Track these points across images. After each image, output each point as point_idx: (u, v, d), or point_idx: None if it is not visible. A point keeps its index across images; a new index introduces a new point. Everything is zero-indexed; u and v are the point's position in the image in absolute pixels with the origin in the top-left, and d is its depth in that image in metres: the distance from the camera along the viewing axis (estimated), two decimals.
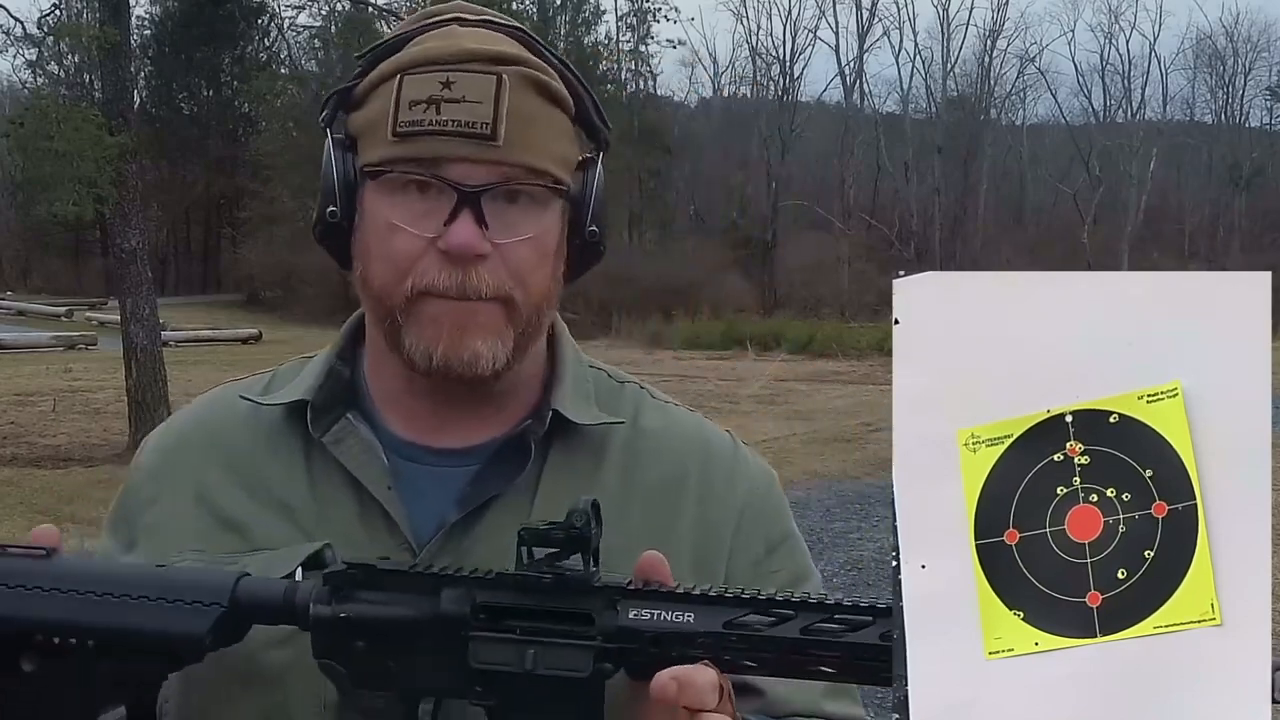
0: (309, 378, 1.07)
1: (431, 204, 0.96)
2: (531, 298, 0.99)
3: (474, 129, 0.95)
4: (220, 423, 1.10)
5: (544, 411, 1.04)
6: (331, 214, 1.00)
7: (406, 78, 0.97)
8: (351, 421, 1.04)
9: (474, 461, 1.04)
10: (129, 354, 11.85)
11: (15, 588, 0.86)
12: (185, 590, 0.86)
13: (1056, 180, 48.95)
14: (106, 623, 0.85)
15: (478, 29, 1.02)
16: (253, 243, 38.89)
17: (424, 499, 1.02)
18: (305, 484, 1.03)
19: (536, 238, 0.99)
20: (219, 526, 1.04)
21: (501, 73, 0.97)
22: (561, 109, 1.01)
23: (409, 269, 0.97)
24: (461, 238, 0.95)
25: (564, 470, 1.04)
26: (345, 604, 0.83)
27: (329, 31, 37.95)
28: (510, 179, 0.96)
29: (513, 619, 0.81)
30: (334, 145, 1.01)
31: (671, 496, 1.05)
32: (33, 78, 31.17)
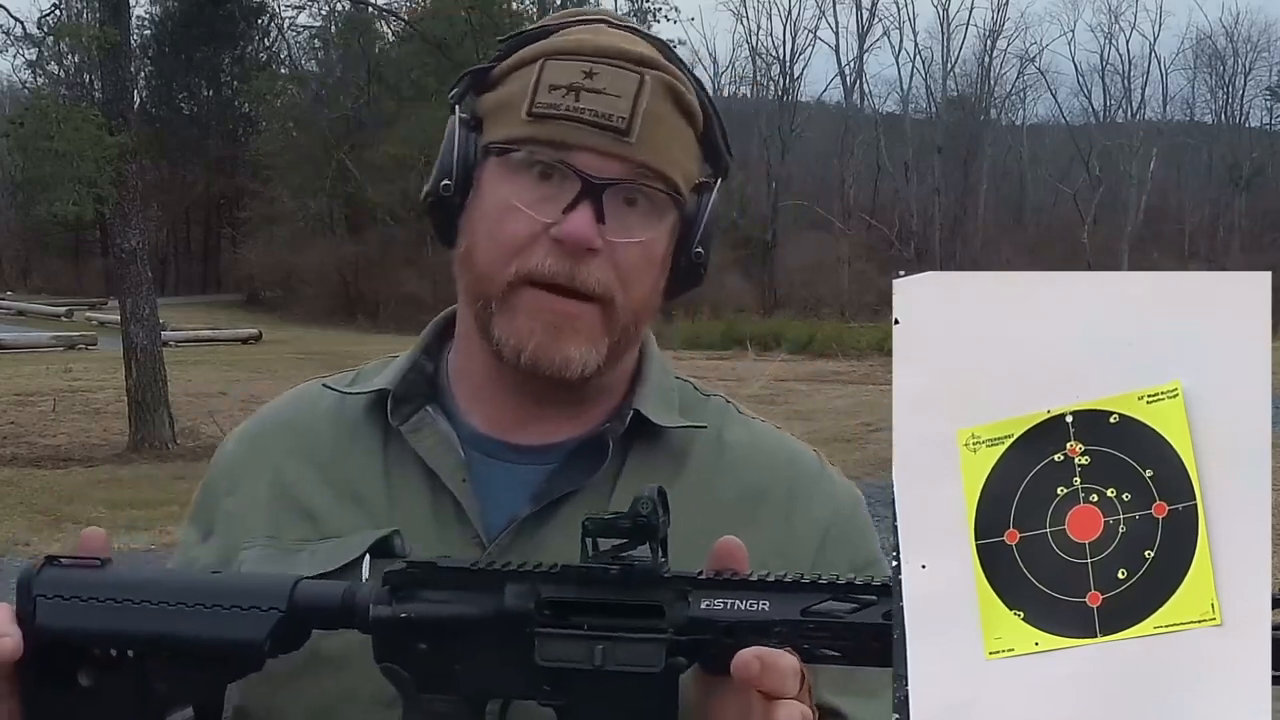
0: (393, 370, 1.07)
1: (553, 190, 0.95)
2: (632, 303, 0.98)
3: (610, 121, 0.94)
4: (303, 414, 1.10)
5: (625, 411, 1.03)
6: (445, 187, 0.99)
7: (549, 62, 0.97)
8: (430, 413, 1.04)
9: (551, 459, 1.03)
10: (129, 354, 11.85)
11: (70, 599, 0.85)
12: (242, 596, 0.84)
13: (1056, 180, 48.95)
14: (163, 632, 0.83)
15: (624, 32, 1.02)
16: (253, 243, 38.88)
17: (498, 494, 1.01)
18: (380, 474, 1.03)
19: (648, 243, 0.98)
20: (293, 514, 1.04)
21: (645, 74, 0.96)
22: (691, 124, 1.01)
23: (517, 252, 0.96)
24: (578, 227, 0.94)
25: (642, 473, 1.01)
26: (406, 604, 0.81)
27: (329, 31, 37.95)
28: (637, 178, 0.96)
29: (580, 614, 0.78)
30: (459, 121, 1.00)
31: (751, 511, 1.02)
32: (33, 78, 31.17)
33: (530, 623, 0.78)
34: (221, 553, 1.05)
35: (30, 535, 8.19)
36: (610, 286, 0.96)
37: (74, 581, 0.85)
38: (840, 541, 1.04)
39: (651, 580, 0.77)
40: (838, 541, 1.04)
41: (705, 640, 0.76)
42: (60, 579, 0.86)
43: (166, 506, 9.37)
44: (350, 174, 32.82)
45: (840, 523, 1.06)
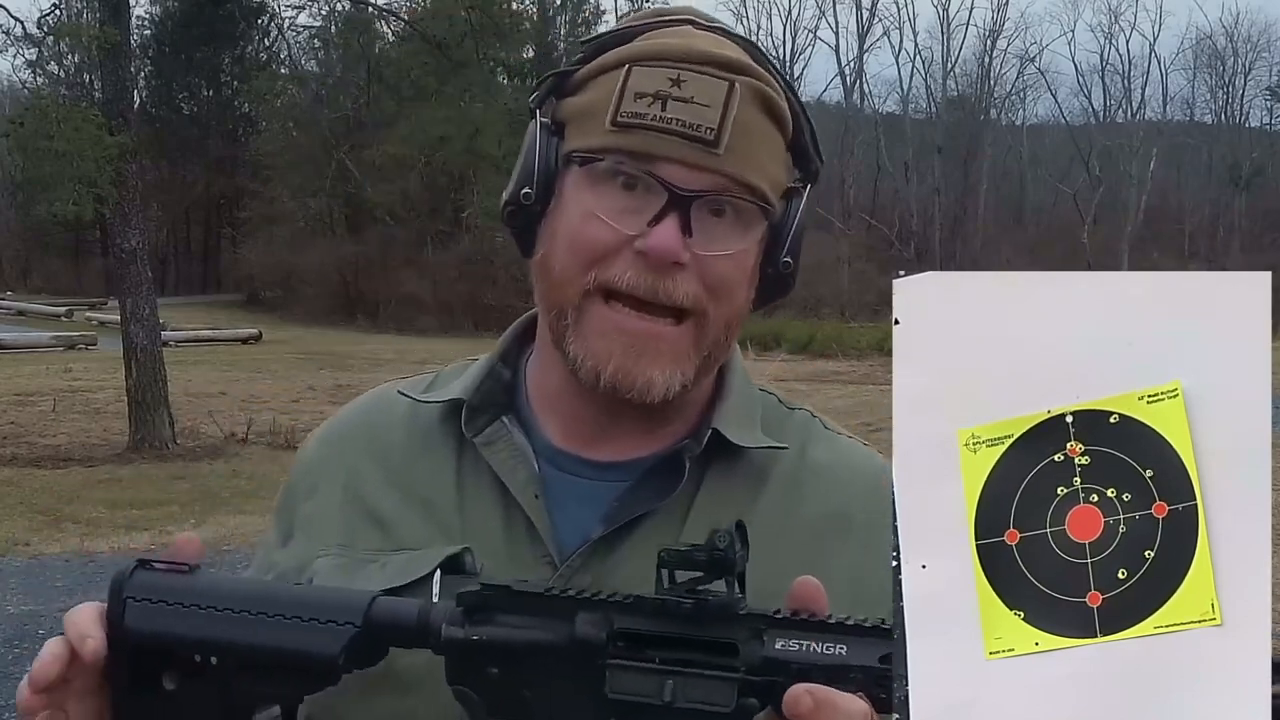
0: (469, 378, 1.04)
1: (638, 201, 0.92)
2: (722, 316, 0.95)
3: (698, 132, 0.91)
4: (379, 418, 1.08)
5: (703, 430, 0.99)
6: (526, 195, 0.96)
7: (635, 69, 0.93)
8: (505, 425, 1.02)
9: (626, 477, 1.00)
10: (129, 354, 11.85)
11: (159, 604, 0.85)
12: (320, 609, 0.84)
13: (1056, 180, 48.97)
14: (245, 641, 0.84)
15: (712, 34, 0.98)
16: (253, 243, 38.90)
17: (571, 511, 0.99)
18: (452, 485, 1.01)
19: (737, 256, 0.94)
20: (365, 521, 1.02)
21: (735, 80, 0.93)
22: (781, 130, 0.97)
23: (596, 261, 0.93)
24: (664, 241, 0.90)
25: (720, 494, 0.98)
26: (479, 627, 0.80)
27: (329, 31, 37.98)
28: (725, 190, 0.92)
29: (652, 647, 0.76)
30: (540, 128, 0.97)
31: (833, 535, 0.98)
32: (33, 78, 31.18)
33: (602, 654, 0.76)
34: (298, 558, 1.04)
35: (30, 535, 8.20)
36: (700, 300, 0.93)
37: (164, 586, 0.86)
38: None
39: (726, 617, 0.75)
40: None
41: (779, 683, 0.73)
42: (151, 583, 0.86)
43: (166, 506, 9.38)
44: (350, 174, 32.82)
45: None
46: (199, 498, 9.73)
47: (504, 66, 25.43)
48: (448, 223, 34.40)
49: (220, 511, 9.12)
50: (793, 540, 0.96)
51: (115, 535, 8.16)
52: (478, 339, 29.40)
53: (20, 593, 6.42)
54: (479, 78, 15.25)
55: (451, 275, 33.14)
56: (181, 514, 9.05)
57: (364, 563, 1.00)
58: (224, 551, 7.26)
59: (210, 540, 7.70)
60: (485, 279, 32.05)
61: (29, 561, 7.24)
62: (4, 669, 5.19)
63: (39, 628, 5.71)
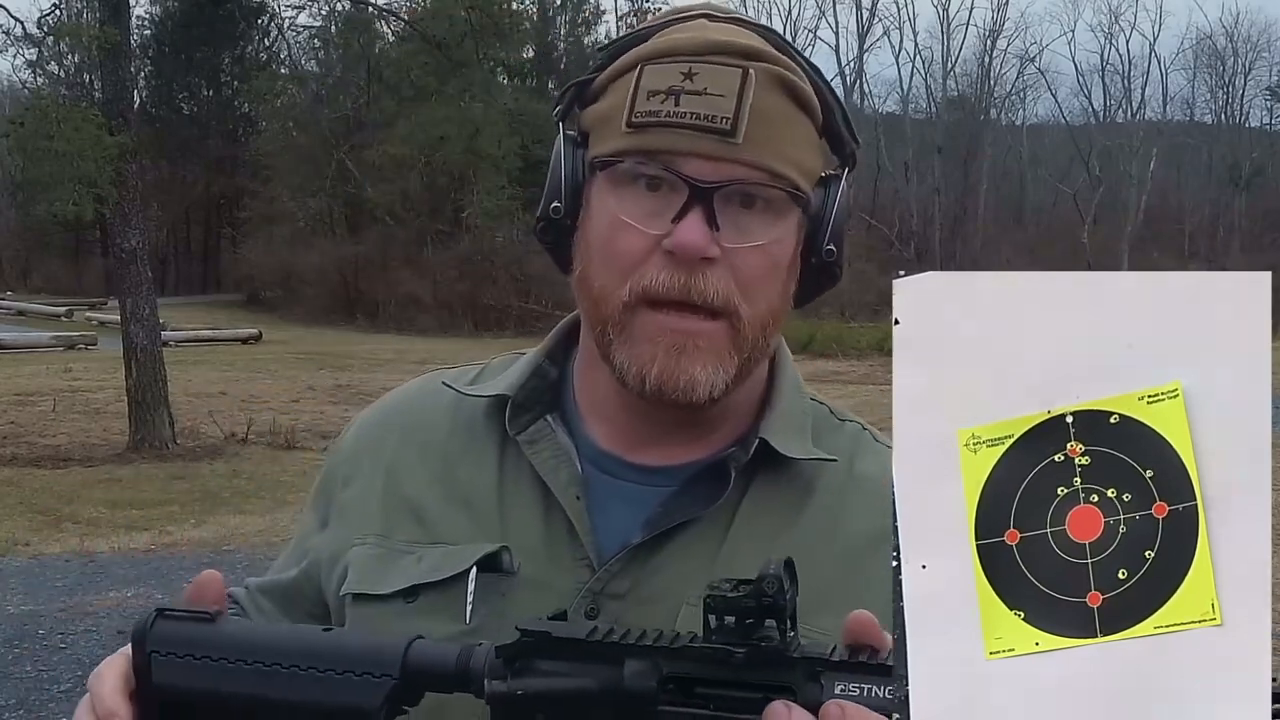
0: (514, 374, 1.03)
1: (661, 201, 0.90)
2: (758, 314, 0.92)
3: (713, 123, 0.88)
4: (422, 409, 1.07)
5: (750, 439, 0.97)
6: (555, 210, 0.95)
7: (647, 68, 0.91)
8: (550, 424, 1.01)
9: (670, 482, 0.98)
10: (129, 354, 11.85)
11: (185, 658, 0.82)
12: (355, 661, 0.81)
13: (1056, 180, 48.97)
14: (279, 697, 0.81)
15: (727, 24, 0.96)
16: (253, 243, 38.90)
17: (612, 514, 0.97)
18: (493, 482, 1.00)
19: (768, 247, 0.91)
20: (402, 512, 1.01)
21: (749, 67, 0.90)
22: (808, 115, 0.94)
23: (631, 269, 0.91)
24: (689, 236, 0.88)
25: (764, 505, 0.97)
26: (522, 678, 0.77)
27: (329, 31, 37.97)
28: (747, 180, 0.90)
29: (705, 690, 0.73)
30: (565, 140, 0.96)
31: (879, 552, 0.95)
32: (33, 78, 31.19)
33: (653, 700, 0.74)
34: (334, 546, 1.04)
35: (30, 535, 8.19)
36: (731, 297, 0.90)
37: (189, 638, 0.83)
38: None
39: (781, 661, 0.72)
40: None
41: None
42: (175, 635, 0.83)
43: (166, 506, 9.38)
44: (350, 174, 32.81)
45: None
46: (199, 498, 9.73)
47: (504, 66, 25.44)
48: (448, 223, 34.38)
49: (220, 511, 9.12)
50: (836, 555, 0.94)
51: (115, 535, 8.16)
52: (477, 339, 29.39)
53: (20, 593, 6.42)
54: (479, 78, 15.24)
55: (451, 275, 33.12)
56: (181, 514, 9.05)
57: (400, 554, 0.99)
58: (224, 551, 7.26)
59: (210, 540, 7.71)
60: (485, 279, 32.05)
61: (29, 561, 7.23)
62: (4, 669, 5.19)
63: (39, 628, 5.71)
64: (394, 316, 33.13)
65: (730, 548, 0.94)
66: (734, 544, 0.94)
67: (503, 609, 0.93)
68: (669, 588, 0.92)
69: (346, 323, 33.23)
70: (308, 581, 1.07)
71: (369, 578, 0.99)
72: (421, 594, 0.96)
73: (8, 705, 4.81)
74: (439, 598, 0.96)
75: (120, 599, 6.16)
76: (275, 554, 0.94)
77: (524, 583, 0.95)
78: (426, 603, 0.96)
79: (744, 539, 0.95)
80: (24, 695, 4.90)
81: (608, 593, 0.94)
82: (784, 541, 0.94)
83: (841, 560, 0.94)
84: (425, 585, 0.96)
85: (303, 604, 1.08)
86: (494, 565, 0.94)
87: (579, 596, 0.93)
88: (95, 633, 5.60)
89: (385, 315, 33.41)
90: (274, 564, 1.14)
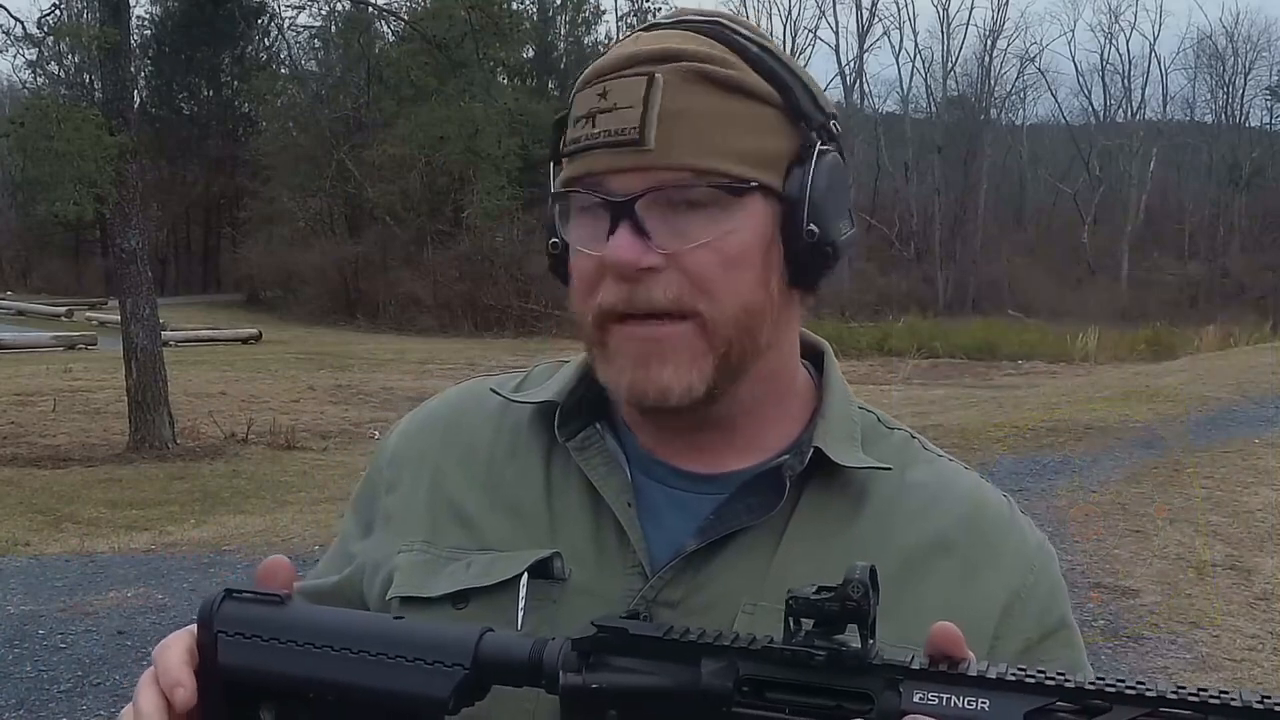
0: (561, 380, 1.03)
1: (597, 222, 0.91)
2: (725, 309, 0.90)
3: (622, 135, 0.88)
4: (467, 414, 1.06)
5: (804, 447, 0.96)
6: (554, 245, 0.97)
7: (577, 95, 0.92)
8: (599, 430, 1.00)
9: (721, 490, 0.97)
10: (129, 354, 11.86)
11: (252, 639, 0.82)
12: (427, 649, 0.80)
13: (1056, 180, 49.01)
14: (347, 681, 0.80)
15: (659, 30, 0.94)
16: (253, 243, 38.90)
17: (662, 522, 0.96)
18: (541, 489, 0.99)
19: (715, 243, 0.89)
20: (449, 517, 1.01)
21: (654, 72, 0.89)
22: (753, 99, 0.91)
23: (590, 293, 0.92)
24: (616, 252, 0.88)
25: (817, 514, 0.95)
26: (597, 673, 0.76)
27: (329, 31, 37.99)
28: (666, 183, 0.88)
29: (781, 694, 0.72)
30: (554, 173, 0.97)
31: (933, 562, 0.94)
32: (33, 78, 31.22)
33: (729, 701, 0.73)
34: (380, 550, 1.03)
35: (30, 535, 8.20)
36: (683, 298, 0.89)
37: (257, 619, 0.82)
38: (1029, 602, 0.96)
39: (861, 667, 0.71)
40: (1027, 602, 0.95)
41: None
42: (242, 615, 0.82)
43: (166, 506, 9.38)
44: (350, 174, 32.84)
45: (1031, 581, 0.96)
46: (199, 498, 9.73)
47: (504, 66, 25.43)
48: (448, 223, 34.39)
49: (220, 511, 9.12)
50: (890, 564, 0.92)
51: (115, 535, 8.15)
52: (477, 339, 29.41)
53: (20, 593, 6.42)
54: (479, 78, 15.24)
55: (451, 275, 33.14)
56: (181, 514, 9.05)
57: (448, 560, 0.98)
58: (224, 551, 7.25)
59: (210, 540, 7.71)
60: (485, 279, 32.06)
61: (29, 561, 7.23)
62: (4, 669, 5.19)
63: (39, 628, 5.71)
64: (394, 316, 33.15)
65: (783, 556, 0.93)
66: (787, 553, 0.93)
67: (554, 616, 0.92)
68: (722, 596, 0.91)
69: (346, 323, 33.25)
70: (350, 588, 1.06)
71: (416, 581, 0.98)
72: (472, 599, 0.95)
73: (8, 705, 4.80)
74: (489, 603, 0.94)
75: (120, 599, 6.15)
76: (275, 554, 0.93)
77: (575, 590, 0.94)
78: (476, 608, 0.95)
79: (797, 548, 0.93)
80: (24, 695, 4.89)
81: (660, 600, 0.92)
82: (838, 550, 0.93)
83: (896, 569, 0.92)
84: (475, 590, 0.95)
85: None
86: (545, 572, 0.93)
87: (631, 604, 0.92)
88: (95, 633, 5.59)
89: (385, 315, 33.44)
90: (313, 569, 1.13)
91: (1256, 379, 12.30)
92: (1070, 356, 23.43)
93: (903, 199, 45.01)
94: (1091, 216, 44.12)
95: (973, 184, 45.57)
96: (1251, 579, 6.08)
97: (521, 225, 30.03)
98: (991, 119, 48.69)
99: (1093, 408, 10.99)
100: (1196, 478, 7.99)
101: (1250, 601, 5.76)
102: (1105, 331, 26.21)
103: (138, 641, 5.44)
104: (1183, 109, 52.60)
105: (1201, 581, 5.99)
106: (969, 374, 21.14)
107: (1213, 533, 6.78)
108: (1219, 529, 6.88)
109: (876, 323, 28.83)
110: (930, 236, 42.89)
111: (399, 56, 18.27)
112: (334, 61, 39.42)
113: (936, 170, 44.76)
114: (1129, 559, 6.35)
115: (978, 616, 0.93)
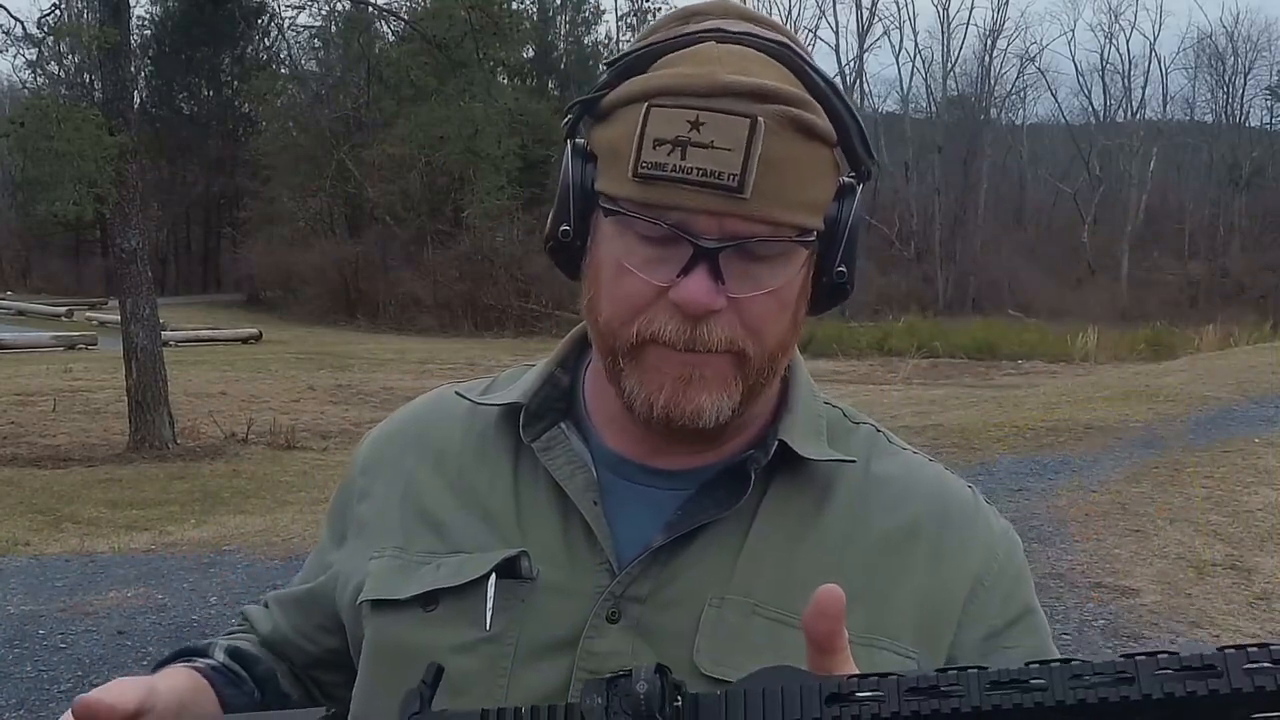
0: (527, 383, 1.04)
1: (667, 252, 0.89)
2: (766, 349, 0.92)
3: (720, 179, 0.86)
4: (436, 421, 1.08)
5: (769, 441, 0.97)
6: (564, 233, 0.94)
7: (653, 110, 0.88)
8: (564, 430, 1.01)
9: (688, 486, 0.98)
10: (129, 354, 11.86)
11: None
12: None
13: (1056, 180, 49.02)
14: None
15: (736, 46, 0.92)
16: (253, 243, 38.90)
17: (630, 519, 0.97)
18: (509, 490, 1.00)
19: (777, 291, 0.91)
20: (420, 523, 1.02)
21: (757, 114, 0.87)
22: (823, 144, 0.92)
23: (638, 312, 0.91)
24: (693, 294, 0.88)
25: (783, 507, 0.97)
26: None
27: (329, 31, 37.99)
28: (754, 235, 0.88)
29: None
30: (573, 156, 0.94)
31: (899, 552, 0.96)
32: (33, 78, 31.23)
33: None
34: (353, 559, 1.04)
35: (30, 535, 8.19)
36: (738, 340, 0.90)
37: None
38: (994, 589, 0.97)
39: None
40: (992, 590, 0.97)
41: None
42: None
43: (166, 506, 9.38)
44: (350, 174, 32.85)
45: (995, 568, 0.98)
46: (199, 498, 9.73)
47: (504, 66, 25.42)
48: (448, 223, 34.39)
49: (220, 511, 9.12)
50: (860, 555, 0.95)
51: (115, 535, 8.15)
52: (477, 339, 29.40)
53: (20, 593, 6.42)
54: (479, 78, 15.22)
55: (451, 275, 33.15)
56: (181, 514, 9.05)
57: (419, 564, 0.99)
58: (224, 551, 7.25)
59: (210, 540, 7.71)
60: (485, 279, 32.07)
61: (29, 561, 7.23)
62: (4, 669, 5.19)
63: (39, 628, 5.71)
64: (394, 316, 33.17)
65: (750, 549, 0.95)
66: (754, 545, 0.95)
67: (523, 615, 0.94)
68: (691, 590, 0.92)
69: (346, 323, 33.26)
70: (323, 595, 1.08)
71: (388, 585, 0.99)
72: (441, 600, 0.96)
73: (8, 705, 4.80)
74: (458, 604, 0.95)
75: (120, 599, 6.15)
76: (275, 554, 0.93)
77: (544, 588, 0.95)
78: (446, 609, 0.96)
79: (764, 541, 0.95)
80: (24, 695, 4.89)
81: (629, 596, 0.94)
82: (804, 543, 0.95)
83: (866, 559, 0.95)
84: (444, 591, 0.96)
85: (316, 614, 1.10)
86: (513, 571, 0.94)
87: (600, 600, 0.93)
88: (95, 633, 5.59)
89: (385, 315, 33.45)
90: (293, 579, 1.15)
91: (1256, 379, 12.29)
92: (1070, 356, 23.43)
93: (903, 199, 45.02)
94: (1091, 216, 44.14)
95: (973, 184, 45.57)
96: (1251, 579, 6.08)
97: (521, 225, 30.03)
98: (991, 119, 48.71)
99: (1093, 408, 10.98)
100: (1196, 477, 7.99)
101: (1250, 601, 5.75)
102: (1105, 331, 26.22)
103: (138, 641, 5.44)
104: (1183, 109, 52.66)
105: (1201, 581, 5.98)
106: (969, 374, 21.14)
107: (1213, 532, 6.78)
108: (1219, 529, 6.87)
109: (876, 322, 28.85)
110: (930, 236, 42.89)
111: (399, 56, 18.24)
112: (334, 61, 39.42)
113: (936, 170, 44.78)
114: (1129, 559, 6.34)
115: (942, 604, 0.95)
